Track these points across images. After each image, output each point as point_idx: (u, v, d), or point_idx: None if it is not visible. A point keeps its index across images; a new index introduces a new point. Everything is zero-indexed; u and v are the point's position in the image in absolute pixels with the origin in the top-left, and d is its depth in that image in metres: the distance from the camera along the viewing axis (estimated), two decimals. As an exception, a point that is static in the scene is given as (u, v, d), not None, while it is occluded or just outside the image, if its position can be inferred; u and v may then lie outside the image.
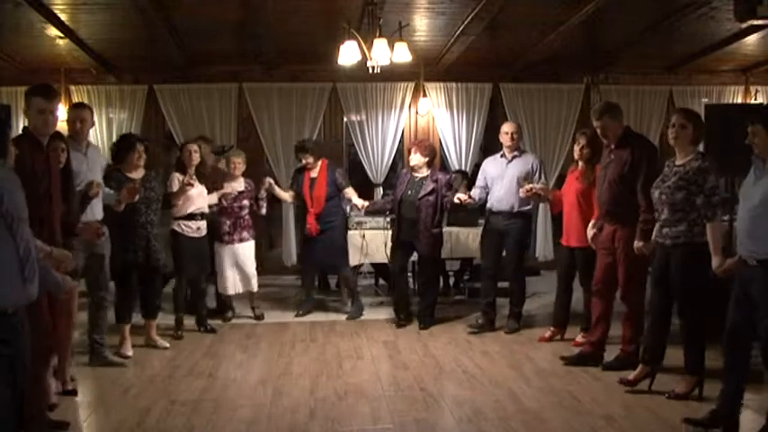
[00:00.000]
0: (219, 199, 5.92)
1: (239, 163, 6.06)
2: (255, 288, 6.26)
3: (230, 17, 6.48)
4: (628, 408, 3.98)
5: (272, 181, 6.33)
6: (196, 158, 5.61)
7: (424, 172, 5.94)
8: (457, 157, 8.53)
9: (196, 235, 5.64)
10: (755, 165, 3.49)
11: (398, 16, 5.89)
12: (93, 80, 8.22)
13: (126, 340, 5.14)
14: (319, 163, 6.31)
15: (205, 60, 7.98)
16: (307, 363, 4.99)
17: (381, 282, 7.66)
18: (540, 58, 7.87)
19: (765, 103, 8.76)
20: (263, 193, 6.18)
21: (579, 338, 5.38)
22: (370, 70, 5.53)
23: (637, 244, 4.37)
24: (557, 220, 6.41)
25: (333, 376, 4.68)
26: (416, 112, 8.64)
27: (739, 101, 8.91)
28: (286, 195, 6.59)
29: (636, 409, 3.95)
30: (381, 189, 8.42)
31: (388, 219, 6.46)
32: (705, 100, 8.87)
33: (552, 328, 5.55)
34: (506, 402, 4.12)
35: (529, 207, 5.79)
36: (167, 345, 5.35)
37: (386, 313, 6.49)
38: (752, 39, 7.24)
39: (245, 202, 6.07)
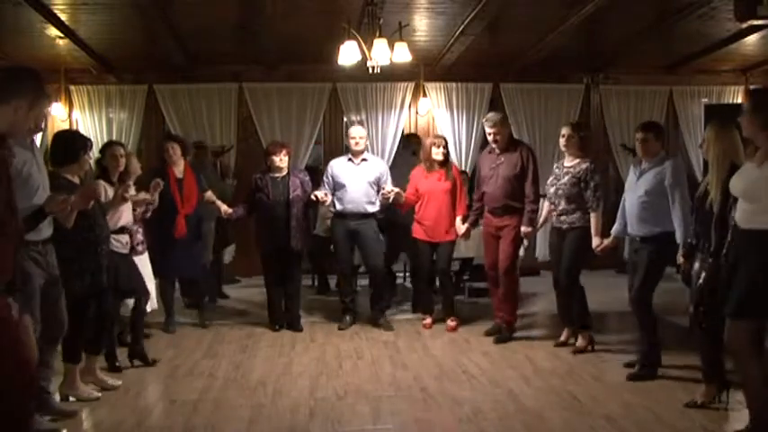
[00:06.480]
0: (135, 209, 5.00)
1: (137, 165, 5.32)
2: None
3: (230, 17, 6.49)
4: (628, 408, 3.98)
5: (161, 182, 5.35)
6: (122, 164, 4.73)
7: (284, 172, 5.90)
8: (457, 157, 8.51)
9: (125, 251, 4.81)
10: (634, 164, 4.64)
11: (398, 16, 5.89)
12: (93, 80, 8.23)
13: (77, 381, 4.22)
14: (182, 162, 5.90)
15: (205, 60, 7.98)
16: (307, 363, 4.99)
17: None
18: (540, 58, 7.87)
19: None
20: (155, 198, 5.14)
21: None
22: (370, 70, 5.53)
23: (525, 229, 5.34)
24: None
25: (333, 376, 4.68)
26: (416, 112, 8.65)
27: (739, 101, 8.91)
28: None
29: (636, 409, 3.95)
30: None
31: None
32: (705, 100, 8.90)
33: (426, 316, 6.07)
34: (506, 402, 4.12)
35: (376, 209, 6.01)
36: (119, 381, 4.49)
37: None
38: (752, 39, 7.25)
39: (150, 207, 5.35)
